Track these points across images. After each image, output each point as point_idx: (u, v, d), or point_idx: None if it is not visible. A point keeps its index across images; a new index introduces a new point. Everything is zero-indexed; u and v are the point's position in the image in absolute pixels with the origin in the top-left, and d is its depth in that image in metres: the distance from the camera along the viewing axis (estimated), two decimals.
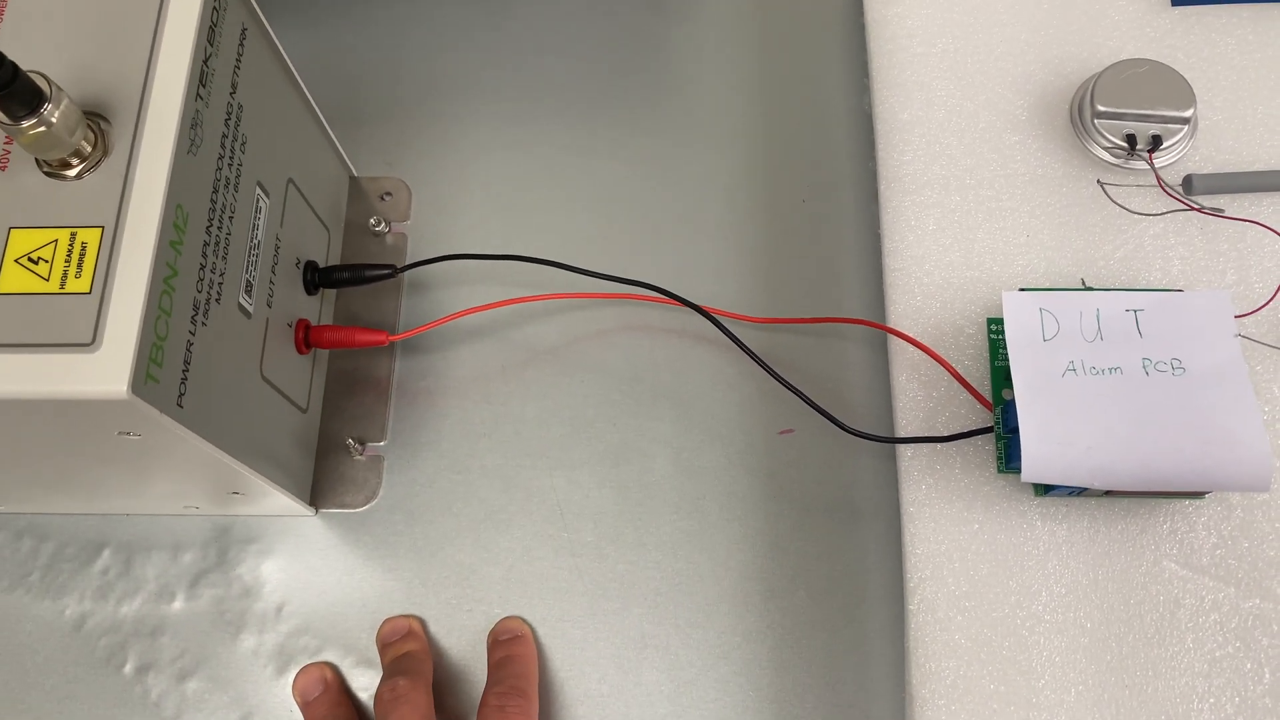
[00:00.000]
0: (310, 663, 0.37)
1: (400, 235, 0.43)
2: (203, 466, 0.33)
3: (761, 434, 0.40)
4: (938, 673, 0.32)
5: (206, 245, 0.31)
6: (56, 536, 0.40)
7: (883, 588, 0.37)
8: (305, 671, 0.37)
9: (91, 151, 0.29)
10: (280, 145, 0.36)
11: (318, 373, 0.40)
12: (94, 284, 0.27)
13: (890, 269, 0.37)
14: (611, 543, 0.39)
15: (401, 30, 0.47)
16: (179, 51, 0.30)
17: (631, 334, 0.42)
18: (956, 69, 0.40)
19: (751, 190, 0.44)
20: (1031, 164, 0.38)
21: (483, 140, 0.45)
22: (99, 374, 0.26)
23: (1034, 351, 0.33)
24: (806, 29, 0.47)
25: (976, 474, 0.34)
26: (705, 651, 0.37)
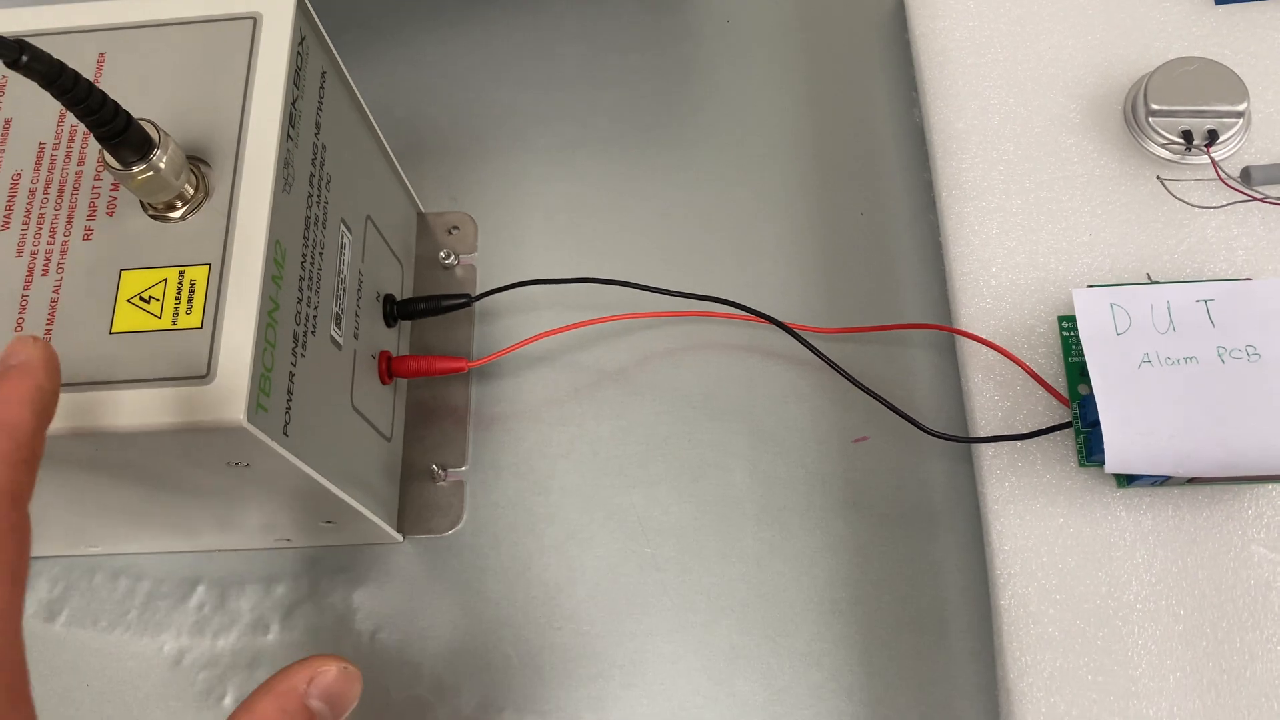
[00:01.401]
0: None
1: (469, 267, 0.44)
2: (302, 495, 0.34)
3: (836, 443, 0.40)
4: (1034, 666, 0.33)
5: (302, 280, 0.32)
6: (151, 575, 0.40)
7: (964, 587, 0.38)
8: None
9: (194, 194, 0.30)
10: (359, 183, 0.37)
11: (398, 402, 0.41)
12: (204, 319, 0.28)
13: (958, 274, 0.38)
14: (694, 557, 0.39)
15: (455, 67, 0.49)
16: (271, 95, 0.31)
17: (699, 351, 0.42)
18: (1008, 77, 0.41)
19: (807, 205, 0.45)
20: (1089, 165, 0.39)
21: (542, 170, 0.46)
22: (216, 404, 0.27)
23: (1108, 345, 0.34)
24: (848, 46, 0.48)
25: (1058, 469, 0.35)
26: (795, 659, 0.37)
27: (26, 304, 0.29)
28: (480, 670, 0.38)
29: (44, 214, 0.30)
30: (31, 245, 0.30)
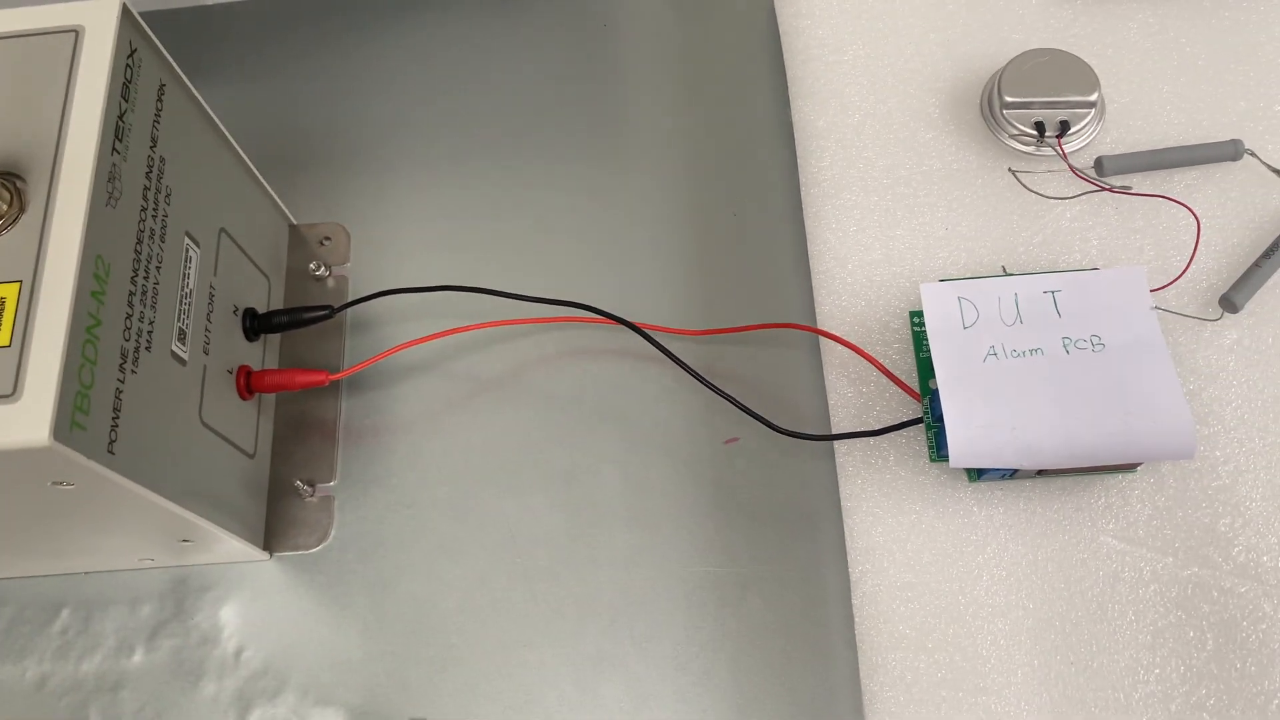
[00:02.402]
0: None
1: (341, 278, 0.44)
2: (146, 515, 0.33)
3: (707, 445, 0.40)
4: (885, 665, 0.33)
5: (132, 294, 0.31)
6: (15, 600, 0.40)
7: (837, 588, 0.37)
8: None
9: (8, 209, 0.29)
10: (209, 196, 0.37)
11: (264, 418, 0.40)
12: (13, 337, 0.28)
13: (816, 271, 0.38)
14: (564, 564, 0.39)
15: (332, 77, 0.48)
16: (90, 108, 0.30)
17: (573, 357, 0.42)
18: (868, 73, 0.41)
19: (682, 207, 0.44)
20: (946, 159, 0.39)
21: (417, 179, 0.46)
22: (19, 423, 0.27)
23: (955, 340, 0.34)
24: (726, 48, 0.48)
25: (910, 465, 0.35)
26: (662, 664, 0.37)
27: None
28: (347, 686, 0.38)
29: None
30: None
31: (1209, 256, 0.36)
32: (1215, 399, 0.35)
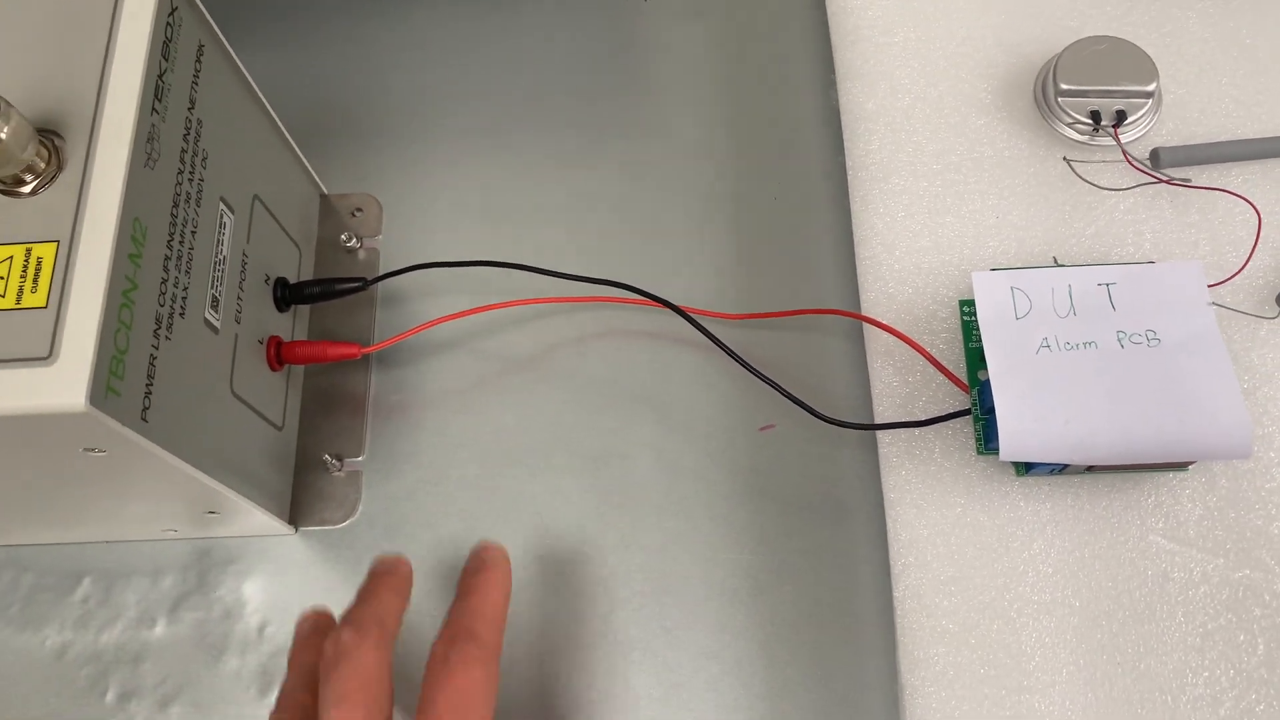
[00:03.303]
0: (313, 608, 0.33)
1: (372, 250, 0.43)
2: (175, 484, 0.33)
3: (743, 431, 0.39)
4: (926, 660, 0.32)
5: (168, 259, 0.31)
6: (35, 567, 0.39)
7: (872, 579, 0.37)
8: (306, 614, 0.33)
9: (45, 167, 0.28)
10: (244, 162, 0.36)
11: (293, 390, 0.40)
12: (50, 298, 0.27)
13: (861, 257, 0.37)
14: (594, 547, 0.38)
15: (368, 47, 0.47)
16: (130, 65, 0.30)
17: (607, 338, 0.41)
18: (919, 56, 0.40)
19: (723, 188, 0.44)
20: (998, 146, 0.38)
21: (451, 152, 0.45)
22: (56, 387, 0.26)
23: (1006, 330, 0.33)
24: (773, 26, 0.47)
25: (956, 457, 0.34)
26: (694, 652, 0.36)
27: None
28: None
29: None
30: None
31: (1267, 253, 0.36)
32: (1271, 398, 0.34)
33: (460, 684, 0.28)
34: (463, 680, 0.28)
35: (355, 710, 0.27)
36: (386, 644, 0.29)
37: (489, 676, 0.29)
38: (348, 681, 0.28)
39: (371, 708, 0.27)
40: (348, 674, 0.28)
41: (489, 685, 0.28)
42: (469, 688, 0.28)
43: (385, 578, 0.32)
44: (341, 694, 0.27)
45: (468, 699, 0.28)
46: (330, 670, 0.28)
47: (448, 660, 0.28)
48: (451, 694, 0.28)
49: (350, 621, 0.29)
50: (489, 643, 0.29)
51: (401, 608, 0.31)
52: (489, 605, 0.30)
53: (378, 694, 0.28)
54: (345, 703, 0.27)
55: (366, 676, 0.28)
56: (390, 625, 0.30)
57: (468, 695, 0.28)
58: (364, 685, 0.28)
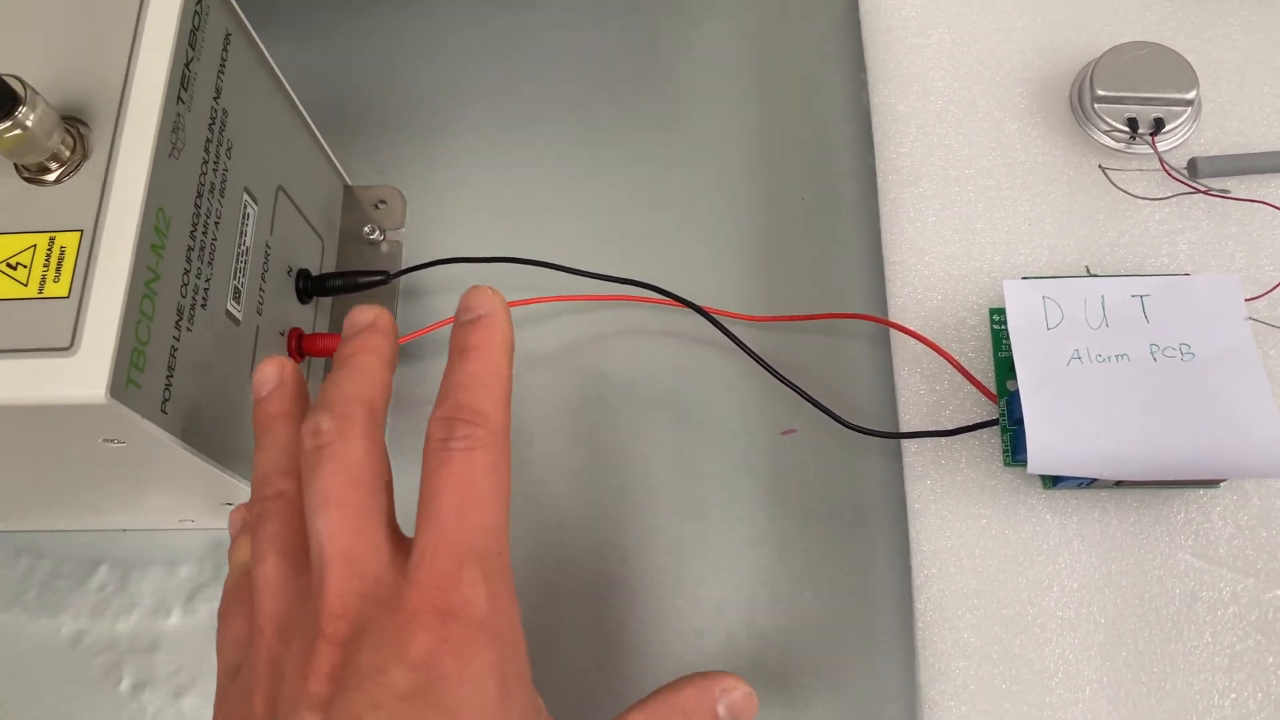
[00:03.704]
0: (269, 356, 0.29)
1: (395, 243, 0.43)
2: (192, 475, 0.32)
3: (764, 435, 0.39)
4: (947, 672, 0.31)
5: (190, 250, 0.30)
6: (53, 554, 0.39)
7: (891, 588, 0.36)
8: (262, 365, 0.28)
9: (70, 155, 0.28)
10: (269, 152, 0.36)
11: (314, 382, 0.39)
12: (72, 288, 0.27)
13: (890, 262, 0.37)
14: (611, 549, 0.38)
15: (392, 40, 0.47)
16: (158, 54, 0.29)
17: (629, 337, 0.41)
18: (953, 59, 0.39)
19: (750, 189, 0.43)
20: (1032, 151, 0.37)
21: (476, 146, 0.45)
22: (77, 378, 0.26)
23: (1037, 340, 0.32)
24: (804, 24, 0.46)
25: (982, 468, 0.33)
26: (710, 657, 0.36)
27: None
28: None
29: None
30: None
31: None
32: None
33: (463, 471, 0.24)
34: (466, 467, 0.24)
35: (347, 511, 0.24)
36: (376, 427, 0.25)
37: (498, 460, 0.24)
38: (333, 479, 0.24)
39: (366, 506, 0.24)
40: (332, 471, 0.24)
41: (498, 469, 0.24)
42: (474, 475, 0.24)
43: (366, 338, 0.27)
44: (328, 496, 0.24)
45: (476, 491, 0.24)
46: (313, 469, 0.24)
47: (448, 446, 0.24)
48: (455, 485, 0.24)
49: (329, 406, 0.25)
50: (494, 419, 0.25)
51: (388, 376, 0.27)
52: (490, 370, 0.26)
53: (372, 487, 0.24)
54: (333, 506, 0.24)
55: (356, 470, 0.24)
56: (377, 401, 0.26)
57: (474, 483, 0.24)
58: (354, 482, 0.24)
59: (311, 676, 0.22)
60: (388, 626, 0.23)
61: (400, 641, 0.22)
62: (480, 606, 0.23)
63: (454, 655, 0.22)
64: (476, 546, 0.23)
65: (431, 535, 0.23)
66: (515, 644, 0.24)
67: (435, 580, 0.23)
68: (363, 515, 0.24)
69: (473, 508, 0.24)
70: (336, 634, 0.23)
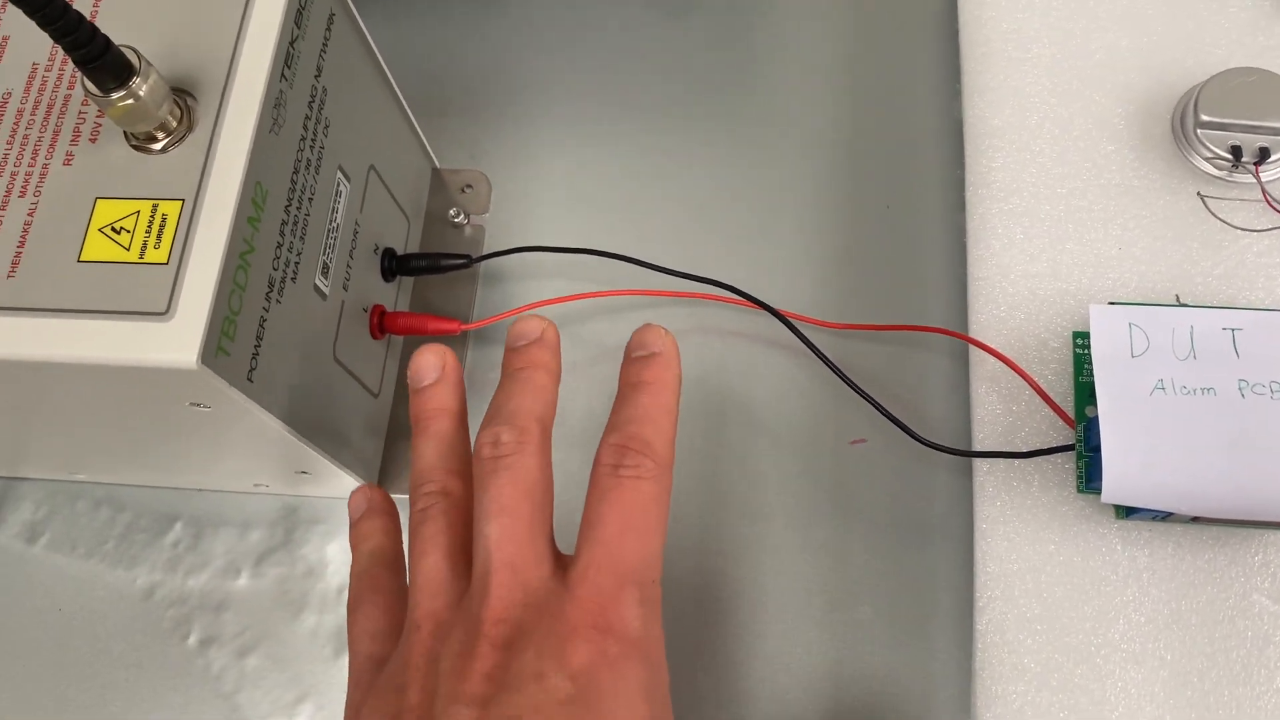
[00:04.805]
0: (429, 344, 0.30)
1: (478, 228, 0.43)
2: (271, 443, 0.33)
3: (832, 443, 0.39)
4: (1004, 696, 0.31)
5: (284, 224, 0.31)
6: (132, 507, 0.40)
7: (952, 607, 0.36)
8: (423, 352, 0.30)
9: (177, 126, 0.29)
10: (363, 132, 0.37)
11: (391, 359, 0.40)
12: (171, 255, 0.28)
13: (974, 278, 0.36)
14: (669, 546, 0.38)
15: (487, 26, 0.48)
16: (265, 31, 0.30)
17: (702, 335, 0.41)
18: (1052, 75, 0.38)
19: (834, 194, 0.43)
20: (1128, 174, 0.37)
21: (564, 137, 0.45)
22: (170, 343, 0.27)
23: (1121, 368, 0.32)
24: (899, 32, 0.46)
25: (1055, 493, 0.33)
26: (762, 661, 0.36)
27: (0, 224, 0.29)
28: None
29: (29, 135, 0.30)
30: (13, 166, 0.29)
31: None
32: None
33: (631, 498, 0.25)
34: (634, 495, 0.25)
35: (518, 521, 0.25)
36: (547, 444, 0.27)
37: (663, 492, 0.26)
38: (508, 490, 0.26)
39: (535, 517, 0.26)
40: (508, 481, 0.26)
41: (662, 501, 0.26)
42: (643, 504, 0.26)
43: (538, 353, 0.28)
44: (502, 505, 0.25)
45: (640, 516, 0.25)
46: (490, 477, 0.26)
47: (618, 472, 0.26)
48: (622, 510, 0.25)
49: (509, 418, 0.27)
50: (662, 453, 0.26)
51: (556, 392, 0.28)
52: (661, 406, 0.27)
53: (541, 502, 0.26)
54: (506, 514, 0.25)
55: (529, 484, 0.26)
56: (549, 419, 0.27)
57: (641, 512, 0.25)
58: (527, 493, 0.26)
59: (470, 676, 0.24)
60: (548, 635, 0.24)
61: (560, 650, 0.23)
62: (636, 627, 0.25)
63: (610, 670, 0.24)
64: (636, 571, 0.25)
65: (596, 553, 0.25)
66: (662, 668, 0.26)
67: (596, 597, 0.24)
68: (531, 527, 0.26)
69: (635, 534, 0.25)
70: (498, 637, 0.24)
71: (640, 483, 0.25)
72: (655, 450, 0.26)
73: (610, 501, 0.25)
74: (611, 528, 0.25)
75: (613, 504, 0.25)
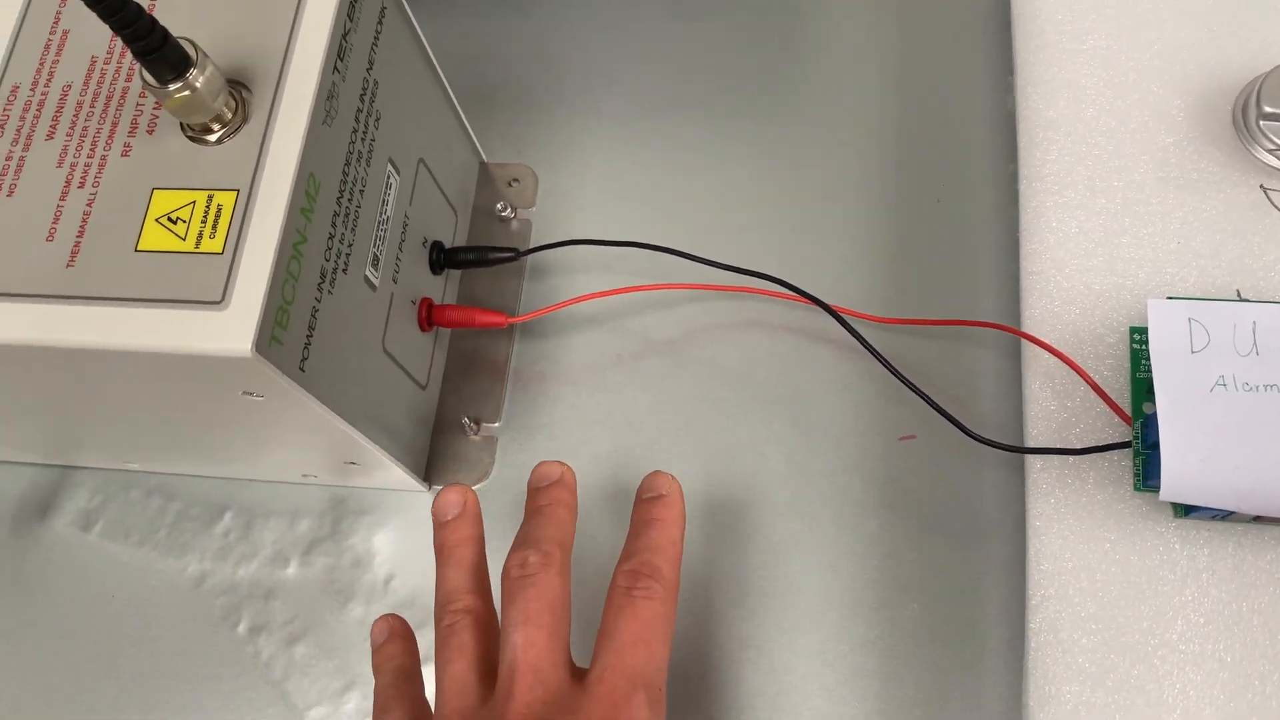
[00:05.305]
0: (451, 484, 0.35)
1: (525, 221, 0.43)
2: (321, 433, 0.34)
3: (880, 439, 0.38)
4: (1058, 696, 0.31)
5: (336, 215, 0.31)
6: (183, 497, 0.41)
7: (1001, 605, 0.35)
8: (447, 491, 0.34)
9: (232, 118, 0.29)
10: (413, 125, 0.37)
11: (439, 351, 0.40)
12: (226, 245, 0.28)
13: (1028, 272, 0.36)
14: (716, 541, 0.38)
15: (537, 20, 0.48)
16: (319, 24, 0.30)
17: (750, 329, 0.41)
18: (1108, 66, 0.38)
19: (883, 187, 0.42)
20: (1187, 167, 0.36)
21: (610, 131, 0.45)
22: (225, 332, 0.27)
23: (1180, 363, 0.31)
24: (948, 25, 0.45)
25: (1111, 490, 0.32)
26: (809, 658, 0.36)
27: (60, 214, 0.29)
28: None
29: (87, 127, 0.30)
30: (72, 157, 0.30)
31: None
32: None
33: (643, 615, 0.29)
34: (645, 612, 0.29)
35: (540, 631, 0.29)
36: (568, 566, 0.31)
37: (669, 612, 0.30)
38: (534, 603, 0.29)
39: (555, 629, 0.29)
40: (533, 596, 0.29)
41: (669, 620, 0.30)
42: (651, 620, 0.29)
43: (558, 492, 0.33)
44: (528, 615, 0.29)
45: (650, 630, 0.29)
46: (517, 592, 0.29)
47: (631, 593, 0.29)
48: (634, 624, 0.29)
49: (535, 544, 0.30)
50: (669, 579, 0.30)
51: (574, 524, 0.32)
52: (667, 540, 0.31)
53: (562, 617, 0.29)
54: (531, 624, 0.29)
55: (552, 599, 0.29)
56: (569, 546, 0.31)
57: (650, 627, 0.29)
58: (550, 607, 0.29)
59: None
60: None
61: None
62: None
63: None
64: (646, 677, 0.28)
65: (610, 660, 0.28)
66: None
67: (610, 696, 0.28)
68: (553, 637, 0.29)
69: (644, 645, 0.29)
70: None
71: (650, 602, 0.29)
72: (664, 576, 0.30)
73: (625, 617, 0.29)
74: (625, 639, 0.29)
75: (628, 619, 0.29)
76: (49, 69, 0.31)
